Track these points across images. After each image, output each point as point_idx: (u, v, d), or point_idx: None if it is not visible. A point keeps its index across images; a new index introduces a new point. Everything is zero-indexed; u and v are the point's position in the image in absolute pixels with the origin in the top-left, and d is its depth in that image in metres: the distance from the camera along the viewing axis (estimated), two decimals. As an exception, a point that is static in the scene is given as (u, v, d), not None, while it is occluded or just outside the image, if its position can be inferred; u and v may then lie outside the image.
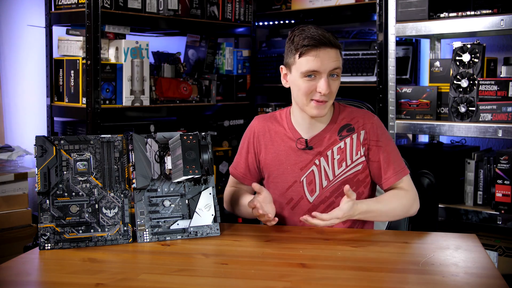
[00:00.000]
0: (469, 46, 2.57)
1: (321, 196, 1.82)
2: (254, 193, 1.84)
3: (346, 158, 1.82)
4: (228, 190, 1.98)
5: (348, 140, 1.82)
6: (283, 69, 1.83)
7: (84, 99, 2.70)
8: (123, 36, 2.86)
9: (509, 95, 2.48)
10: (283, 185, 1.86)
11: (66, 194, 1.61)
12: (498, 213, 2.51)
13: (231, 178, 2.00)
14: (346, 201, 1.69)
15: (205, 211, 1.70)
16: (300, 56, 1.72)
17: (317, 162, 1.83)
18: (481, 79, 2.55)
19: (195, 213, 1.69)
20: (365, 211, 1.72)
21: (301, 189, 1.84)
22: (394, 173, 1.80)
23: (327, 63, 1.70)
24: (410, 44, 3.13)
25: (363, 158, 1.82)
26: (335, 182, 1.82)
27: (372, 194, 1.89)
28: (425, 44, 3.17)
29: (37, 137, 1.62)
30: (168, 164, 1.68)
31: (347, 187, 1.67)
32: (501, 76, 2.60)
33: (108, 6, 2.71)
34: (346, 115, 1.86)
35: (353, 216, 1.71)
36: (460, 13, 2.57)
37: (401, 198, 1.78)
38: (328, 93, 1.72)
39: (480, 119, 2.54)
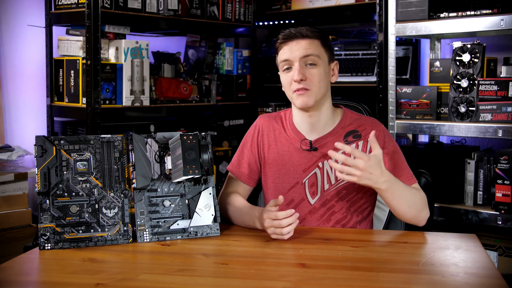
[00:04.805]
0: (469, 46, 2.57)
1: (322, 199, 1.81)
2: (258, 195, 1.83)
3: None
4: (226, 194, 1.89)
5: (353, 146, 1.81)
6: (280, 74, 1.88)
7: (84, 99, 2.70)
8: (123, 36, 2.86)
9: (509, 95, 2.48)
10: (284, 186, 1.85)
11: (66, 194, 1.61)
12: (498, 213, 2.51)
13: (229, 180, 1.94)
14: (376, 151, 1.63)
15: (205, 211, 1.70)
16: (278, 53, 1.83)
17: (320, 164, 1.82)
18: (481, 79, 2.55)
19: (195, 213, 1.69)
20: (391, 179, 1.64)
21: (302, 191, 1.83)
22: (401, 180, 1.74)
23: (296, 50, 1.77)
24: (410, 44, 3.13)
25: None
26: (337, 186, 1.81)
27: (372, 203, 1.87)
28: (425, 44, 3.17)
29: (37, 137, 1.62)
30: (168, 164, 1.68)
31: (372, 134, 1.63)
32: (501, 76, 2.60)
33: (108, 6, 2.71)
34: (353, 121, 1.85)
35: (380, 175, 1.61)
36: (460, 13, 2.57)
37: (419, 194, 1.75)
38: (304, 80, 1.75)
39: (480, 119, 2.54)
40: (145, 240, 1.64)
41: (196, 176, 1.65)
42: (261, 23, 3.63)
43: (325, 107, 1.83)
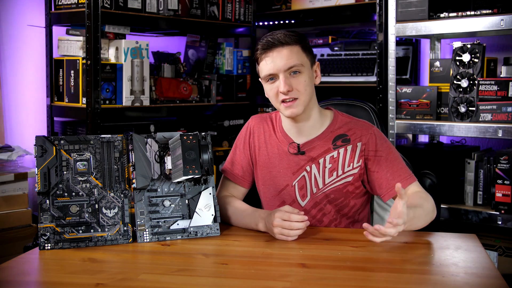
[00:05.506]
0: (469, 46, 2.57)
1: (312, 201, 1.81)
2: (256, 197, 1.83)
3: (338, 168, 1.79)
4: (223, 196, 1.89)
5: (342, 150, 1.79)
6: (261, 81, 1.83)
7: (84, 99, 2.70)
8: (123, 36, 2.86)
9: (509, 95, 2.48)
10: (275, 188, 1.85)
11: (66, 194, 1.61)
12: (498, 213, 2.51)
13: (223, 182, 1.94)
14: (402, 203, 1.49)
15: (205, 211, 1.70)
16: (258, 63, 1.78)
17: (308, 168, 1.80)
18: (481, 79, 2.55)
19: (195, 213, 1.69)
20: (412, 217, 1.56)
21: (293, 193, 1.83)
22: (400, 181, 1.72)
23: (279, 62, 1.72)
24: (410, 44, 3.13)
25: (355, 171, 1.78)
26: (325, 190, 1.80)
27: (365, 205, 1.87)
28: (425, 44, 3.17)
29: (37, 137, 1.62)
30: (168, 164, 1.68)
31: (398, 185, 1.48)
32: (501, 76, 2.60)
33: (108, 6, 2.71)
34: (343, 125, 1.82)
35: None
36: (460, 13, 2.57)
37: (426, 200, 1.69)
38: (290, 90, 1.71)
39: (480, 119, 2.54)
40: (145, 240, 1.64)
41: (196, 176, 1.65)
42: (261, 23, 3.63)
43: (313, 111, 1.80)
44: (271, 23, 3.65)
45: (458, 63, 2.60)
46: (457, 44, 2.61)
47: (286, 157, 1.83)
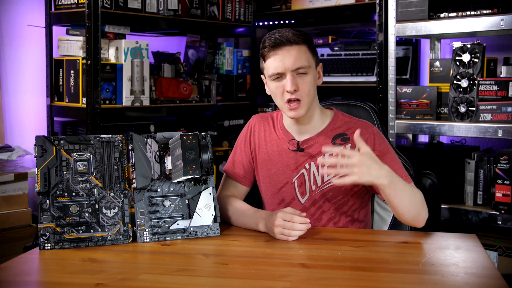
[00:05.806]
0: (469, 46, 2.57)
1: (311, 199, 1.82)
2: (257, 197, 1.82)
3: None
4: (224, 196, 1.89)
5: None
6: (263, 78, 1.84)
7: (84, 99, 2.70)
8: (123, 36, 2.86)
9: (509, 95, 2.48)
10: (275, 185, 1.86)
11: (66, 194, 1.61)
12: (498, 213, 2.51)
13: (225, 181, 1.94)
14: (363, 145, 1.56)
15: (205, 211, 1.70)
16: (265, 60, 1.77)
17: (307, 166, 1.82)
18: (481, 79, 2.55)
19: (195, 213, 1.69)
20: (393, 174, 1.58)
21: (292, 190, 1.83)
22: None
23: (288, 61, 1.72)
24: (410, 44, 3.13)
25: None
26: (323, 188, 1.80)
27: (364, 205, 1.86)
28: (425, 44, 3.17)
29: (37, 137, 1.62)
30: (168, 164, 1.68)
31: (357, 133, 1.56)
32: (501, 76, 2.60)
33: (108, 6, 2.71)
34: (343, 124, 1.84)
35: (379, 168, 1.54)
36: (460, 13, 2.57)
37: (418, 192, 1.69)
38: (297, 91, 1.72)
39: (480, 119, 2.54)
40: (145, 240, 1.64)
41: (196, 176, 1.65)
42: (261, 23, 3.63)
43: (315, 111, 1.82)
44: (271, 23, 3.64)
45: (458, 63, 2.60)
46: (457, 44, 2.61)
47: (286, 154, 1.84)
